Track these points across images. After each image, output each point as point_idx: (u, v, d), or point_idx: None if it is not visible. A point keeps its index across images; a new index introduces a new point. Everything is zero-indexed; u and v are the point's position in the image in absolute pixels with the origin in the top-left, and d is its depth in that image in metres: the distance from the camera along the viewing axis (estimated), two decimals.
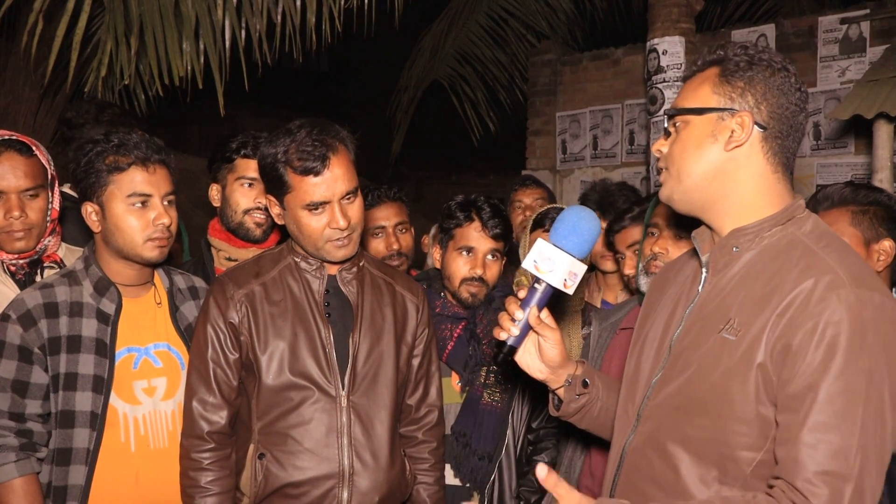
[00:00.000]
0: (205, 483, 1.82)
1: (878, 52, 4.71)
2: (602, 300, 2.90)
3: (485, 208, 2.26)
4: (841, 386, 1.19)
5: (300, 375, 1.84)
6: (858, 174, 5.02)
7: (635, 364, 1.55)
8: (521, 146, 6.95)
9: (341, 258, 1.87)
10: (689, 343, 1.39)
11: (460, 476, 2.22)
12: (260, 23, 3.80)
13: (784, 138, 1.37)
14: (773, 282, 1.30)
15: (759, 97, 1.35)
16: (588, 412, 1.67)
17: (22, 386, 1.81)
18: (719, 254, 1.41)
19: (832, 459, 1.18)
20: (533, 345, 1.61)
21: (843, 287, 1.22)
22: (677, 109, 1.43)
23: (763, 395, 1.26)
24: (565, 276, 1.51)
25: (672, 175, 1.43)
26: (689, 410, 1.35)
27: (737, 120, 1.35)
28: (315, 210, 1.81)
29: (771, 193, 1.38)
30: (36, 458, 1.82)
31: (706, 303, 1.40)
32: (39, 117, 4.75)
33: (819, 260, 1.28)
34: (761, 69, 1.36)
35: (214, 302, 1.87)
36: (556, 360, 1.60)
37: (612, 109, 6.30)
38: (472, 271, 2.24)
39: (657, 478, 1.38)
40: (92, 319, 1.89)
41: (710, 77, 1.40)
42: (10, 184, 2.01)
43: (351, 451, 1.84)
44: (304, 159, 1.78)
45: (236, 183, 2.41)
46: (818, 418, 1.20)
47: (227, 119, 4.02)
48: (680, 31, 4.38)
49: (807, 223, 1.37)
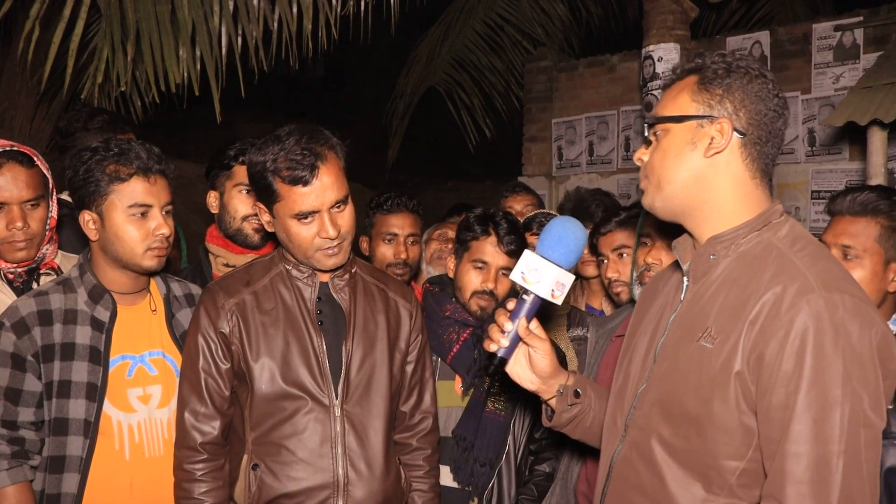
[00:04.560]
0: (198, 494, 1.81)
1: (871, 59, 4.73)
2: (587, 304, 2.92)
3: (502, 224, 2.27)
4: (816, 394, 1.19)
5: (293, 385, 1.83)
6: (853, 180, 5.04)
7: (623, 374, 1.55)
8: (518, 152, 6.96)
9: (332, 266, 1.86)
10: (671, 352, 1.40)
11: (459, 479, 2.21)
12: (256, 29, 3.81)
13: (763, 144, 1.38)
14: (748, 289, 1.30)
15: (738, 104, 1.36)
16: (580, 422, 1.67)
17: (14, 394, 1.81)
18: (698, 262, 1.41)
19: (815, 468, 1.18)
20: (524, 356, 1.61)
21: (811, 292, 1.22)
22: (657, 118, 1.44)
23: (743, 404, 1.27)
24: (553, 286, 1.52)
25: (653, 183, 1.44)
26: (672, 420, 1.35)
27: (716, 127, 1.36)
28: (304, 219, 1.79)
29: (749, 199, 1.39)
30: (29, 466, 1.82)
31: (687, 311, 1.41)
32: (36, 124, 4.74)
33: (790, 265, 1.29)
34: (739, 76, 1.37)
35: (205, 311, 1.86)
36: (546, 370, 1.61)
37: (608, 116, 6.32)
38: (483, 284, 2.24)
39: (644, 487, 1.39)
40: (86, 327, 1.88)
41: (689, 85, 1.41)
42: (13, 195, 2.01)
43: (345, 460, 1.83)
44: (293, 168, 1.75)
45: (235, 189, 2.42)
46: (797, 428, 1.20)
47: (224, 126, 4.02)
48: (675, 38, 4.40)
49: (782, 228, 1.38)
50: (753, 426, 1.27)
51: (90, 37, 3.86)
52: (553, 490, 2.37)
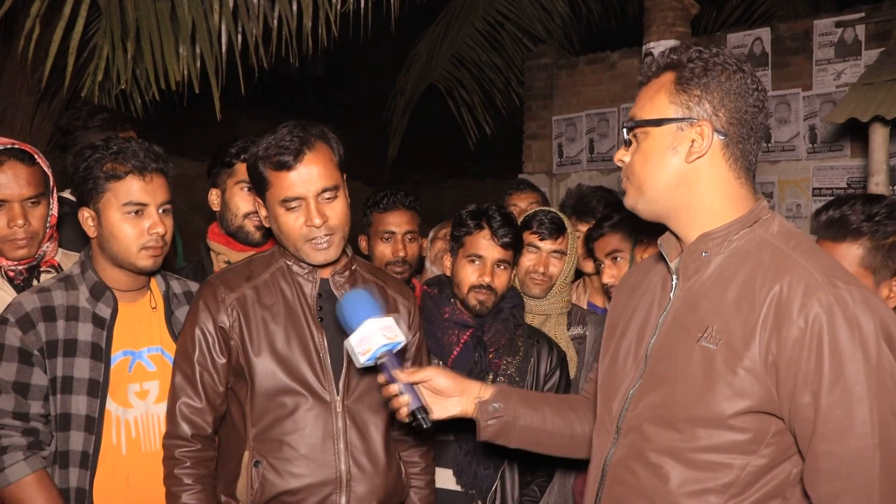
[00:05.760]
0: (189, 481, 1.81)
1: (873, 56, 4.72)
2: (589, 302, 2.91)
3: (495, 217, 2.26)
4: (840, 391, 1.19)
5: (294, 381, 1.82)
6: (854, 177, 5.03)
7: (608, 373, 1.53)
8: (518, 150, 6.95)
9: (322, 261, 1.85)
10: (667, 353, 1.38)
11: (462, 483, 2.21)
12: (256, 27, 3.80)
13: (745, 141, 1.36)
14: (748, 286, 1.30)
15: (717, 104, 1.34)
16: (509, 432, 1.69)
17: (23, 388, 1.81)
18: (689, 259, 1.40)
19: (850, 464, 1.19)
20: (430, 394, 1.66)
21: (820, 289, 1.22)
22: (636, 122, 1.41)
23: (753, 404, 1.26)
24: (383, 334, 1.59)
25: (634, 185, 1.43)
26: (674, 420, 1.34)
27: (696, 130, 1.34)
28: (290, 207, 1.79)
29: (735, 199, 1.37)
30: (41, 456, 1.83)
31: (680, 310, 1.39)
32: (36, 122, 4.74)
33: (791, 262, 1.28)
34: (716, 73, 1.34)
35: (204, 304, 1.85)
36: (452, 385, 1.66)
37: (609, 113, 6.31)
38: (480, 279, 2.24)
39: (644, 490, 1.37)
40: (88, 324, 1.89)
41: (666, 85, 1.38)
42: (14, 192, 2.01)
43: (347, 456, 1.83)
44: (279, 154, 1.77)
45: (236, 187, 2.42)
46: (827, 427, 1.20)
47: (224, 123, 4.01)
48: (676, 35, 4.40)
49: (773, 224, 1.37)
50: (762, 425, 1.27)
51: (90, 35, 3.86)
52: (551, 489, 2.36)
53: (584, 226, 2.92)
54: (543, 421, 1.70)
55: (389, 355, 1.61)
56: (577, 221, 2.99)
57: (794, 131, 5.28)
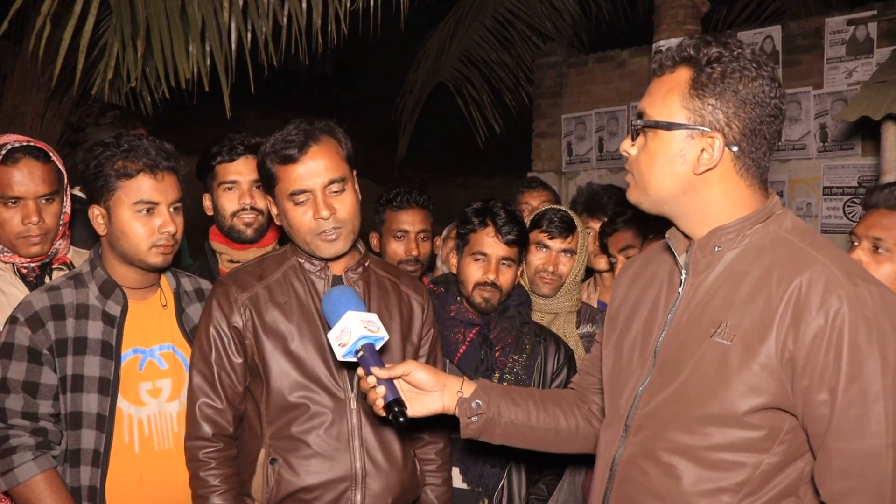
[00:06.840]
0: (216, 482, 1.82)
1: (885, 54, 4.68)
2: (598, 300, 2.90)
3: (500, 214, 2.26)
4: (857, 389, 1.19)
5: (309, 379, 1.83)
6: (866, 176, 4.99)
7: (613, 369, 1.51)
8: (527, 148, 6.93)
9: (332, 254, 1.85)
10: (678, 348, 1.36)
11: (468, 481, 2.21)
12: (266, 25, 3.80)
13: (757, 151, 1.32)
14: (763, 281, 1.28)
15: (731, 115, 1.29)
16: (492, 429, 1.66)
17: (32, 387, 1.82)
18: (700, 254, 1.37)
19: (863, 463, 1.18)
20: (410, 389, 1.62)
21: (841, 287, 1.21)
22: (645, 122, 1.37)
23: (769, 400, 1.25)
24: (364, 326, 1.58)
25: (639, 184, 1.41)
26: (687, 418, 1.32)
27: (707, 140, 1.30)
28: (298, 200, 1.80)
29: (745, 201, 1.35)
30: (51, 456, 1.83)
31: (690, 305, 1.37)
32: (46, 120, 4.77)
33: (809, 257, 1.27)
34: (734, 81, 1.29)
35: (217, 305, 1.86)
36: (431, 380, 1.62)
37: (618, 111, 6.29)
38: (484, 276, 2.23)
39: (655, 489, 1.36)
40: (98, 321, 1.89)
41: (680, 85, 1.32)
42: (29, 189, 2.02)
43: (363, 453, 1.84)
44: (285, 148, 1.79)
45: (220, 189, 2.44)
46: (842, 425, 1.19)
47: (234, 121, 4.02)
48: (686, 33, 4.37)
49: (786, 219, 1.35)
50: (776, 422, 1.26)
51: (100, 33, 3.87)
52: (561, 487, 2.35)
53: (595, 223, 2.91)
54: (528, 417, 1.67)
55: (370, 350, 1.58)
56: (588, 218, 2.98)
57: (804, 130, 5.24)
